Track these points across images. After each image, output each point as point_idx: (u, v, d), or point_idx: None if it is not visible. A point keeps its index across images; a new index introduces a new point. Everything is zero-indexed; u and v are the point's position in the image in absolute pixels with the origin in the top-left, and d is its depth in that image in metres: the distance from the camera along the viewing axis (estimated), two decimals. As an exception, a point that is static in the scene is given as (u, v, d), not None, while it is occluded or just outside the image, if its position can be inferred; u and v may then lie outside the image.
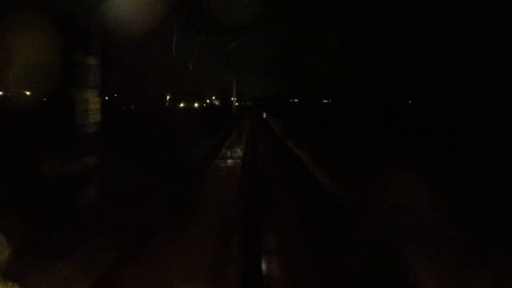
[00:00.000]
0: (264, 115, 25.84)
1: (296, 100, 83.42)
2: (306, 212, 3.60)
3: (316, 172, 5.15)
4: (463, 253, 2.51)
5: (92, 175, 3.40)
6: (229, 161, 6.46)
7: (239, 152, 7.64)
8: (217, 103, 41.25)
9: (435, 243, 2.67)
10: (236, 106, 35.57)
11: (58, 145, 4.21)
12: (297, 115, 28.87)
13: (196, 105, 32.30)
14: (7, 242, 2.05)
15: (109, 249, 2.55)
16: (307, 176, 5.08)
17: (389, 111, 32.59)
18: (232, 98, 28.92)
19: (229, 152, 7.59)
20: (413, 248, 2.53)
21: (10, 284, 1.05)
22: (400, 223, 3.00)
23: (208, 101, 38.12)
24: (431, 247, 2.58)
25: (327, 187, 4.31)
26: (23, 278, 2.01)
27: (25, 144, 5.40)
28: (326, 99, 71.27)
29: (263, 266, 2.43)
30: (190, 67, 15.45)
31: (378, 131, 13.78)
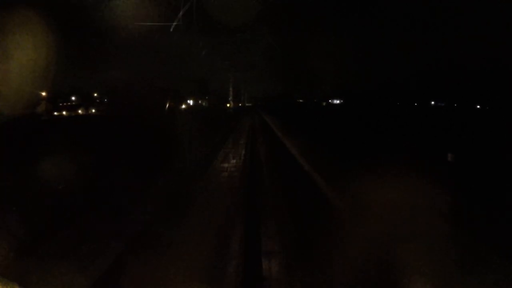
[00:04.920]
0: None
1: (301, 101, 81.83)
2: None
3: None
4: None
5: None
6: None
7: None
8: (204, 103, 38.10)
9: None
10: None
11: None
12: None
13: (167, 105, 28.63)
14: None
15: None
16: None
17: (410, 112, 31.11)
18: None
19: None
20: None
21: (10, 284, 1.08)
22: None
23: (190, 101, 34.64)
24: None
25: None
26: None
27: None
28: (329, 99, 69.86)
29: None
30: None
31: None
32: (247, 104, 70.36)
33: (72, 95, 42.34)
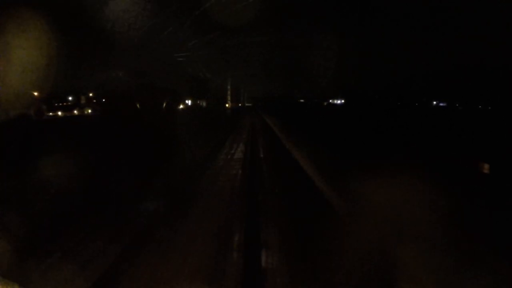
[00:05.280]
0: None
1: (302, 101, 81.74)
2: None
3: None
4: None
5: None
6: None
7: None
8: (202, 104, 38.05)
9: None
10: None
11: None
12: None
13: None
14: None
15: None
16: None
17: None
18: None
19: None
20: None
21: (10, 284, 1.08)
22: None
23: (188, 102, 34.58)
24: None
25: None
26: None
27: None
28: (330, 99, 69.52)
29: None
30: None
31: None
32: (247, 104, 70.55)
33: (69, 95, 42.14)
